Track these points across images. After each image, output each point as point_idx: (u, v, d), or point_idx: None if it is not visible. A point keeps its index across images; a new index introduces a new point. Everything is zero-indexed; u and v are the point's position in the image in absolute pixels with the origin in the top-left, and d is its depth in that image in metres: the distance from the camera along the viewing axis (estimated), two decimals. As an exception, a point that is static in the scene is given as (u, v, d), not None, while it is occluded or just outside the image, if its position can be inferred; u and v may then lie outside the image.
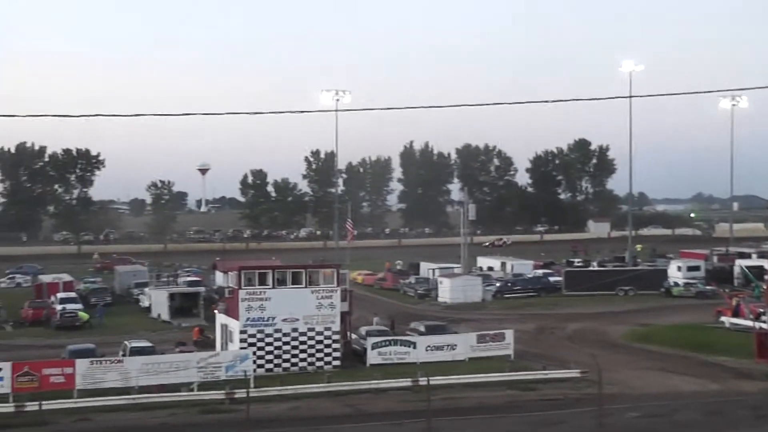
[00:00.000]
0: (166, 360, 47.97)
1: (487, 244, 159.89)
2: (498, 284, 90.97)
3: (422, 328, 58.88)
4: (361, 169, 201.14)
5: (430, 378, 41.90)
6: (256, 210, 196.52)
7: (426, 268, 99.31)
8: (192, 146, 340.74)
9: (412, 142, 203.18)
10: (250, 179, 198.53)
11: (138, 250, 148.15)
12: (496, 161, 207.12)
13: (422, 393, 41.06)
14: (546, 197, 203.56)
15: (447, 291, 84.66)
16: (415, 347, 54.26)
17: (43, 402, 41.34)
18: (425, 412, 36.67)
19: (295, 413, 42.21)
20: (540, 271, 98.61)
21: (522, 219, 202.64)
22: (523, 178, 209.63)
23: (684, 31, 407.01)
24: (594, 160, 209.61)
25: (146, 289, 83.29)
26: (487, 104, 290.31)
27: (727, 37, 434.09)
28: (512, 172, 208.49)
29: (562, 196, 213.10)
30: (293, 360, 52.03)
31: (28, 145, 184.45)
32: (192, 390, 45.71)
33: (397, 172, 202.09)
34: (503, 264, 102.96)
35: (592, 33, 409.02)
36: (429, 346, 54.60)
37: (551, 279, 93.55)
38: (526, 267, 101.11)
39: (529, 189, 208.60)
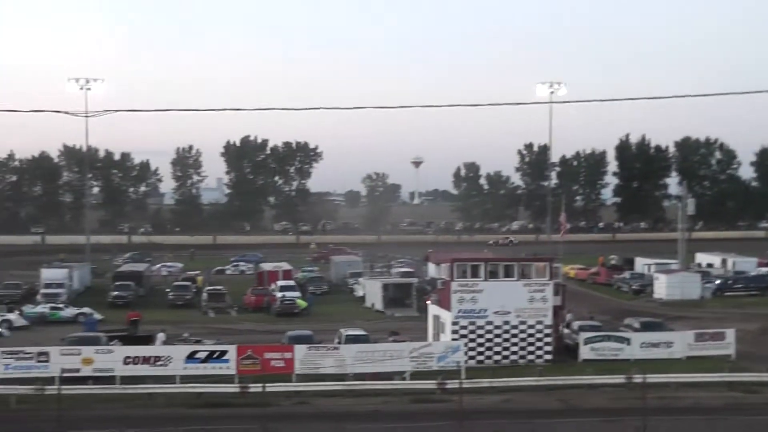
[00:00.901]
0: (380, 349, 48.89)
1: (491, 242, 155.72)
2: (718, 281, 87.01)
3: (637, 325, 57.55)
4: (575, 162, 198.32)
5: (646, 376, 41.13)
6: (468, 202, 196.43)
7: (641, 263, 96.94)
8: (406, 139, 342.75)
9: (628, 135, 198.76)
10: (462, 172, 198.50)
11: (353, 241, 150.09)
12: (717, 154, 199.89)
13: (637, 390, 40.54)
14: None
15: (663, 287, 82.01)
16: (629, 344, 53.04)
17: (267, 384, 42.78)
18: (640, 410, 36.06)
19: (507, 406, 42.19)
20: (765, 269, 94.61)
21: (745, 214, 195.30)
22: (747, 172, 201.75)
23: None
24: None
25: (360, 279, 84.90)
26: (707, 95, 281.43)
27: None
28: (735, 166, 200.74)
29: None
30: (504, 353, 52.02)
31: (252, 138, 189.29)
32: (404, 379, 46.46)
33: (612, 165, 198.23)
34: (723, 261, 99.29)
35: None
36: (644, 343, 53.25)
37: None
38: (748, 264, 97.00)
39: (754, 183, 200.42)
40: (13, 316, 68.09)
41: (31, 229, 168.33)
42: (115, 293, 79.63)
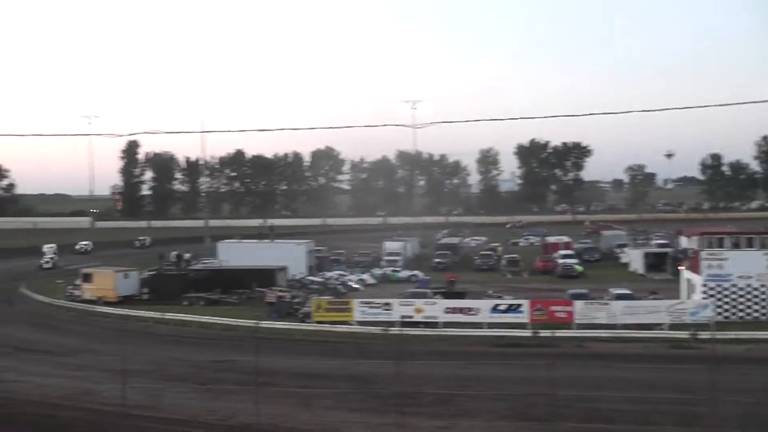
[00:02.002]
0: (643, 305, 47.29)
1: (509, 225, 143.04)
2: None
3: None
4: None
5: None
6: (713, 186, 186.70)
7: None
8: (659, 135, 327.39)
9: None
10: (709, 161, 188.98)
11: (618, 219, 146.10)
12: None
13: None
14: None
15: None
16: None
17: (555, 331, 42.40)
18: None
19: (751, 354, 39.62)
20: None
21: None
22: None
23: None
24: None
25: (625, 249, 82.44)
26: None
27: None
28: None
29: None
30: (747, 310, 48.91)
31: (537, 140, 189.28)
32: (662, 329, 44.73)
33: None
34: None
35: None
36: None
37: None
38: None
39: None
40: (365, 276, 71.15)
41: (376, 212, 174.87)
42: (437, 260, 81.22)
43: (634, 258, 75.79)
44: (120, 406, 27.37)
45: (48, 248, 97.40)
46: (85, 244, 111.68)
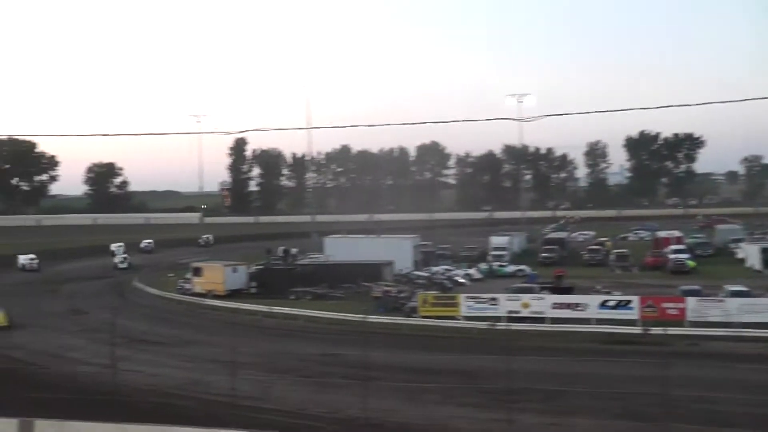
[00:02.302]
0: (761, 302, 45.43)
1: (563, 221, 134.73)
2: None
3: None
4: None
5: None
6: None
7: None
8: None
9: None
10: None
11: (733, 212, 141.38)
12: None
13: None
14: None
15: None
16: None
17: (667, 328, 41.17)
18: None
19: None
20: None
21: None
22: None
23: None
24: None
25: (741, 244, 79.54)
26: None
27: None
28: None
29: None
30: None
31: (647, 131, 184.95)
32: (782, 327, 42.89)
33: None
34: None
35: None
36: None
37: None
38: None
39: None
40: (472, 271, 70.81)
41: (482, 207, 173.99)
42: (544, 255, 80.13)
43: (750, 253, 72.98)
44: (230, 397, 27.95)
45: (118, 247, 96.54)
46: (148, 243, 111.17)
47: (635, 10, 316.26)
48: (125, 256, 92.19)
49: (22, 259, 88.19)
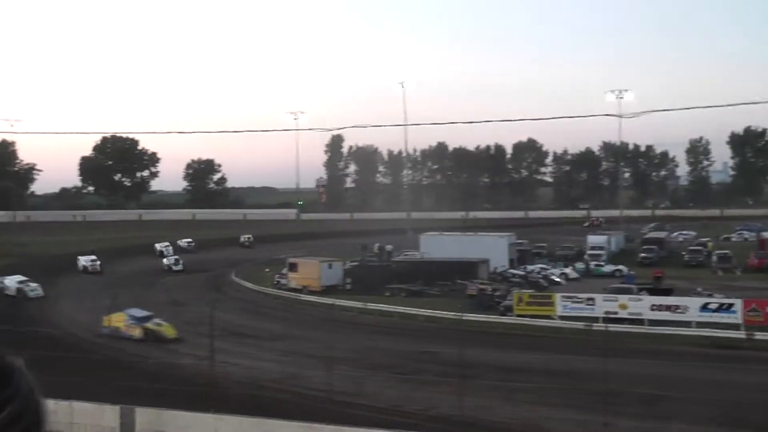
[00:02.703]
0: None
1: (586, 224, 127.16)
2: None
3: None
4: None
5: None
6: None
7: None
8: None
9: None
10: None
11: None
12: None
13: None
14: None
15: None
16: None
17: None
18: None
19: None
20: None
21: None
22: None
23: None
24: None
25: None
26: None
27: None
28: None
29: None
30: None
31: (753, 127, 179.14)
32: None
33: None
34: None
35: None
36: None
37: None
38: None
39: None
40: (568, 270, 70.00)
41: (579, 205, 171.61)
42: (643, 255, 78.44)
43: None
44: (326, 391, 28.37)
45: (165, 247, 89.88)
46: (188, 242, 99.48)
47: (738, 1, 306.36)
48: (177, 257, 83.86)
49: (83, 260, 79.57)
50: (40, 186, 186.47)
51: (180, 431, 25.74)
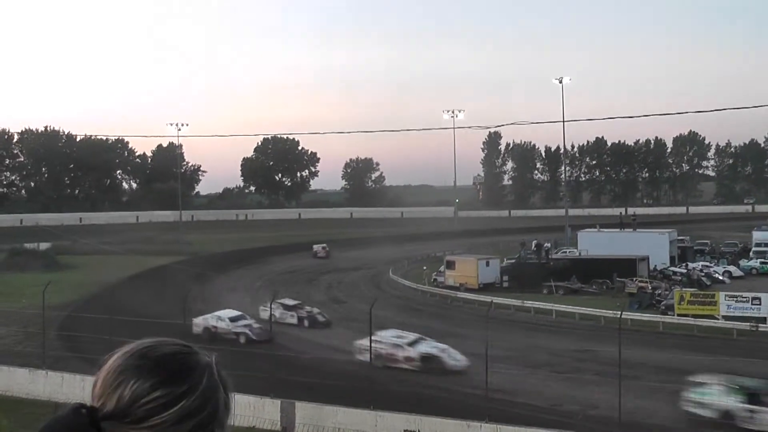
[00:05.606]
0: None
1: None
2: None
3: None
4: None
5: None
6: None
7: None
8: None
9: None
10: None
11: None
12: None
13: None
14: None
15: None
16: None
17: None
18: None
19: None
20: None
21: None
22: None
23: None
24: None
25: None
26: None
27: None
28: None
29: None
30: None
31: None
32: None
33: None
34: None
35: None
36: None
37: None
38: None
39: None
40: (732, 268, 66.84)
41: (744, 200, 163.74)
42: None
43: None
44: (483, 389, 28.24)
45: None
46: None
47: None
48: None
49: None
50: (205, 187, 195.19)
51: (339, 426, 26.31)
